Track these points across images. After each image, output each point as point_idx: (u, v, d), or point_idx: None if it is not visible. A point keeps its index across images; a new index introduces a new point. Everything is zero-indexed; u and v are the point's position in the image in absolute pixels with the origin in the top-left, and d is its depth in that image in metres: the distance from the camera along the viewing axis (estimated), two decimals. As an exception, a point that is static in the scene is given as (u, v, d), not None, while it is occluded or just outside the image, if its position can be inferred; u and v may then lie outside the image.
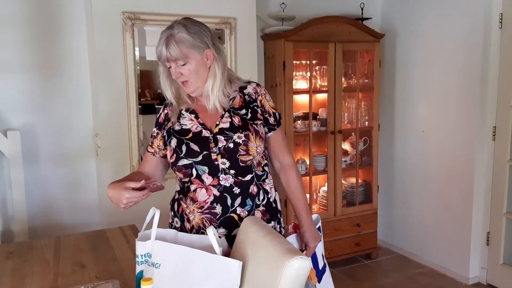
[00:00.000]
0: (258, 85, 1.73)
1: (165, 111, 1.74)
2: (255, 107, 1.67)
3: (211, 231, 1.42)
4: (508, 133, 3.13)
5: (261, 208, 1.66)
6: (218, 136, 1.60)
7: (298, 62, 3.46)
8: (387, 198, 4.01)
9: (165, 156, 1.71)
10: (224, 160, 1.59)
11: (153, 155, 1.74)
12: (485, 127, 3.22)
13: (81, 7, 2.84)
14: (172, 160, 1.64)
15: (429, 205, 3.62)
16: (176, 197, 1.72)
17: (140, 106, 2.86)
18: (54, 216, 2.89)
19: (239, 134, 1.60)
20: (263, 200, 1.66)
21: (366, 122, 3.76)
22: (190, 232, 1.63)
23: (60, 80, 2.87)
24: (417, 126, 3.69)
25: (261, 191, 1.66)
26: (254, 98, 1.69)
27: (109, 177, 2.79)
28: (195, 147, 1.60)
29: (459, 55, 3.30)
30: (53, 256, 1.92)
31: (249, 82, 1.73)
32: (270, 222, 1.69)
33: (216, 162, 1.59)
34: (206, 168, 1.59)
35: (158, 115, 1.77)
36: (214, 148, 1.59)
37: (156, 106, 3.00)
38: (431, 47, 3.51)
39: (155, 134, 1.74)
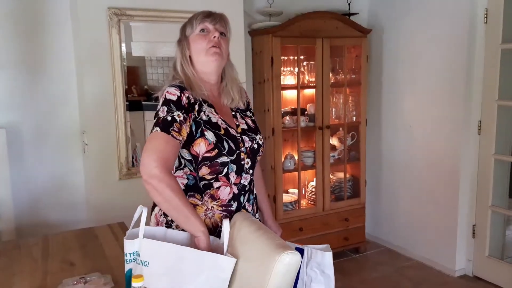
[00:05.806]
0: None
1: (186, 94, 1.49)
2: (251, 110, 1.75)
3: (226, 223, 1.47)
4: (493, 127, 3.17)
5: (254, 200, 1.72)
6: (243, 137, 1.61)
7: (285, 57, 3.46)
8: (375, 192, 4.05)
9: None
10: (248, 160, 1.61)
11: (180, 143, 1.46)
12: (470, 121, 3.26)
13: (66, 3, 2.80)
14: (211, 155, 1.50)
15: (416, 199, 3.66)
16: None
17: (127, 103, 2.84)
18: (41, 214, 2.86)
19: (260, 136, 1.67)
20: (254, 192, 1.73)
21: (354, 117, 3.78)
22: None
23: (46, 76, 2.83)
24: (403, 121, 3.72)
25: (252, 184, 1.71)
26: (248, 100, 1.77)
27: (96, 174, 2.78)
28: (232, 144, 1.56)
29: (445, 50, 3.33)
30: (41, 254, 1.91)
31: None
32: (257, 212, 1.75)
33: (242, 162, 1.59)
34: (235, 167, 1.58)
35: (175, 98, 1.47)
36: (242, 148, 1.59)
37: (143, 103, 2.97)
38: (418, 42, 3.54)
39: (181, 118, 1.44)
